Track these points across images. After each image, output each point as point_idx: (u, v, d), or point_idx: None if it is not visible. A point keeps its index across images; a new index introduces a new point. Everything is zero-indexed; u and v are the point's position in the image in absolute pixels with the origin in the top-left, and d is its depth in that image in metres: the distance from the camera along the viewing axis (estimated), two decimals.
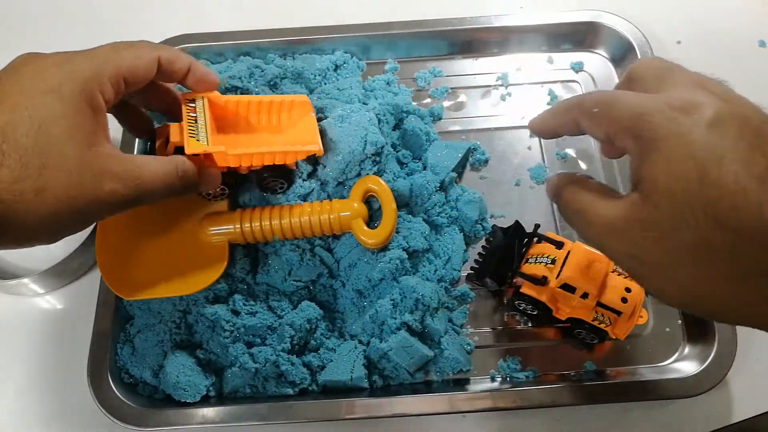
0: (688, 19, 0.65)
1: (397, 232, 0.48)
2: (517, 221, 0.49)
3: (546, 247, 0.47)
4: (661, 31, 0.63)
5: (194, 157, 0.41)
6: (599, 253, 0.44)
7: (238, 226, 0.46)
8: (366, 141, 0.48)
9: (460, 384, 0.47)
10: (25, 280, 0.50)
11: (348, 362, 0.45)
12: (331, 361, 0.46)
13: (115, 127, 0.59)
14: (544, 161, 0.56)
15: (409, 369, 0.46)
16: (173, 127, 0.43)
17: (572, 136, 0.35)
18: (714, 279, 0.28)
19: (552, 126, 0.35)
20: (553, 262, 0.45)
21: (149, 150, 0.46)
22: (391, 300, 0.46)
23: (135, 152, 0.55)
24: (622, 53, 0.60)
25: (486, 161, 0.56)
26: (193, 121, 0.42)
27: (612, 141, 0.31)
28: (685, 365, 0.46)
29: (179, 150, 0.41)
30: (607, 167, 0.56)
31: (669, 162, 0.28)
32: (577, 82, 0.60)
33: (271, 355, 0.45)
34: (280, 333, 0.46)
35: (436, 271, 0.49)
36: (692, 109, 0.28)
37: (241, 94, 0.55)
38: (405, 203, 0.51)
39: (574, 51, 0.62)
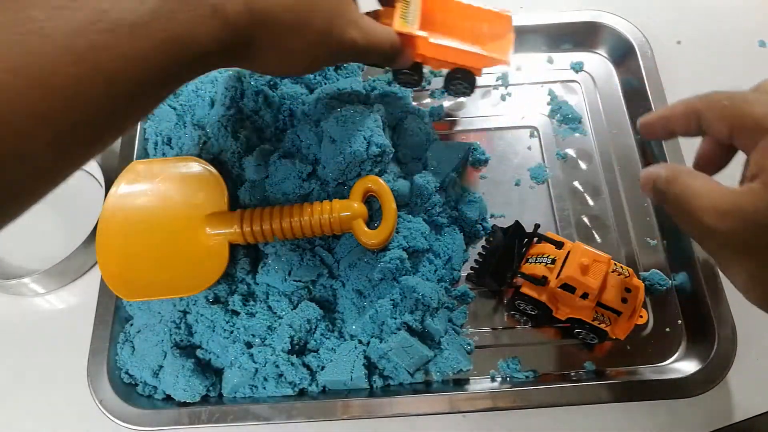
0: (688, 19, 0.65)
1: (397, 232, 0.48)
2: (516, 221, 0.49)
3: (546, 247, 0.46)
4: (661, 31, 0.63)
5: (399, 36, 0.45)
6: (599, 253, 0.44)
7: (238, 226, 0.46)
8: (369, 142, 0.48)
9: (460, 384, 0.47)
10: (26, 280, 0.50)
11: (348, 362, 0.45)
12: (331, 361, 0.46)
13: None
14: (544, 161, 0.56)
15: (409, 369, 0.46)
16: (386, 9, 0.47)
17: (686, 135, 0.35)
18: None
19: (668, 120, 0.35)
20: (553, 262, 0.45)
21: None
22: (391, 300, 0.46)
23: (135, 150, 0.55)
24: (622, 53, 0.60)
25: (486, 161, 0.56)
26: (407, 5, 0.47)
27: (732, 137, 0.31)
28: (685, 365, 0.46)
29: None
30: (608, 167, 0.56)
31: None
32: (577, 82, 0.60)
33: (271, 355, 0.45)
34: (279, 333, 0.46)
35: (436, 271, 0.49)
36: None
37: (241, 93, 0.55)
38: (405, 203, 0.51)
39: (574, 51, 0.62)
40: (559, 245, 0.46)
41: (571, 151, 0.57)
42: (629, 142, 0.57)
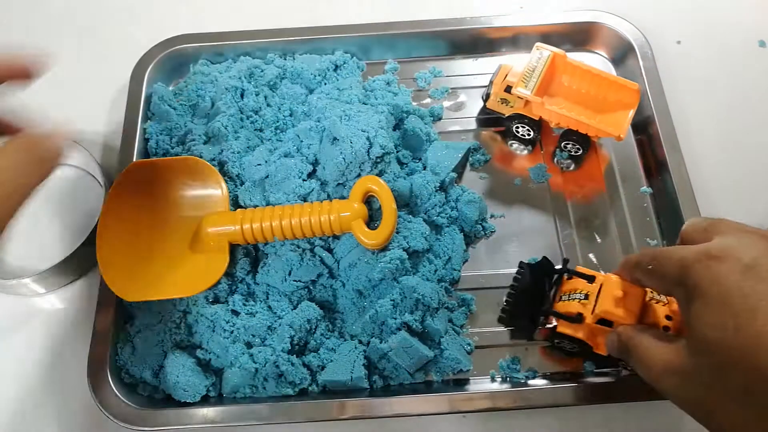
0: (688, 19, 0.65)
1: (397, 232, 0.48)
2: (545, 257, 0.48)
3: (578, 283, 0.45)
4: (661, 31, 0.63)
5: (518, 98, 0.52)
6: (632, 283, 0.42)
7: (238, 226, 0.46)
8: (372, 142, 0.48)
9: (460, 384, 0.47)
10: (25, 280, 0.50)
11: (348, 362, 0.45)
12: (331, 361, 0.46)
13: (117, 121, 0.59)
14: (543, 161, 0.56)
15: (409, 369, 0.46)
16: (516, 69, 0.53)
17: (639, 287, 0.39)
18: (762, 423, 0.28)
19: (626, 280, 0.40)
20: (587, 297, 0.43)
21: (491, 80, 0.56)
22: (391, 300, 0.46)
23: (135, 150, 0.55)
24: (622, 53, 0.60)
25: (486, 161, 0.56)
26: (532, 69, 0.52)
27: (669, 293, 0.34)
28: None
29: (509, 89, 0.53)
30: (608, 167, 0.56)
31: (707, 311, 0.29)
32: None
33: (271, 355, 0.45)
34: (279, 333, 0.46)
35: (436, 271, 0.49)
36: (729, 255, 0.30)
37: (241, 93, 0.56)
38: (405, 203, 0.51)
39: (574, 51, 0.62)
40: (591, 279, 0.44)
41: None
42: (629, 142, 0.57)
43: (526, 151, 0.57)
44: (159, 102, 0.57)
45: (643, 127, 0.57)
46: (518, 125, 0.56)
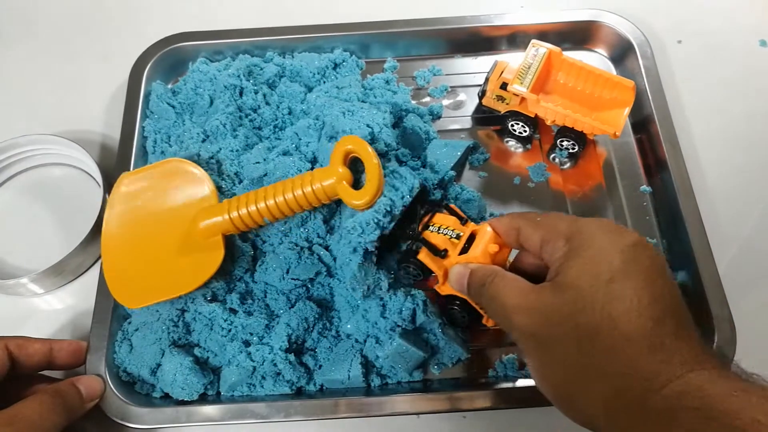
0: (688, 18, 0.65)
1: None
2: (422, 184, 0.47)
3: (449, 219, 0.44)
4: (662, 30, 0.63)
5: (514, 95, 0.53)
6: (504, 240, 0.41)
7: (227, 215, 0.45)
8: (375, 138, 0.48)
9: (459, 383, 0.47)
10: (24, 280, 0.50)
11: (345, 361, 0.45)
12: (329, 360, 0.46)
13: (115, 120, 0.59)
14: (543, 160, 0.56)
15: (407, 372, 0.46)
16: (511, 66, 0.54)
17: (511, 247, 0.41)
18: (590, 371, 0.32)
19: (504, 232, 0.40)
20: (458, 237, 0.43)
21: (486, 77, 0.56)
22: (379, 300, 0.46)
23: (134, 148, 0.55)
24: (622, 53, 0.60)
25: (485, 160, 0.56)
26: (527, 66, 0.52)
27: (541, 246, 0.37)
28: None
29: (504, 86, 0.53)
30: (607, 166, 0.56)
31: (587, 264, 0.33)
32: None
33: (269, 353, 0.45)
34: (277, 332, 0.46)
35: None
36: (620, 232, 0.35)
37: (239, 92, 0.55)
38: None
39: (574, 50, 0.62)
40: (463, 221, 0.44)
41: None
42: (629, 141, 0.57)
43: (521, 149, 0.57)
44: (157, 100, 0.57)
45: (642, 126, 0.56)
46: (514, 122, 0.56)
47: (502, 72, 0.54)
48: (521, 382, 0.46)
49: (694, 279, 0.48)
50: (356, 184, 0.45)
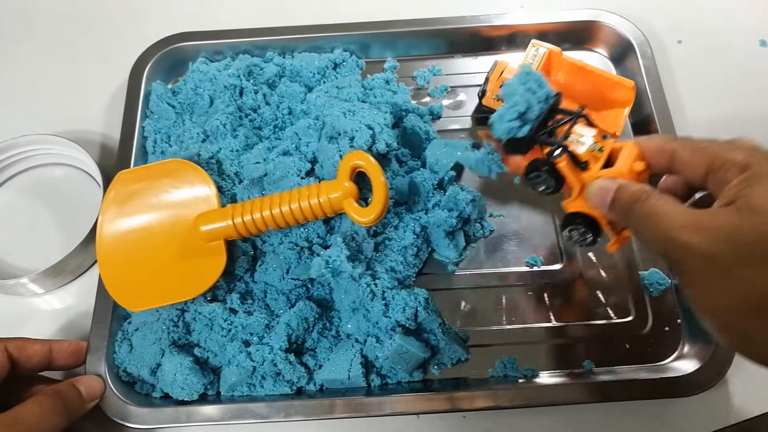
0: (688, 18, 0.65)
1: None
2: (558, 92, 0.43)
3: (591, 131, 0.41)
4: (662, 30, 0.63)
5: None
6: (652, 161, 0.38)
7: (230, 221, 0.45)
8: (376, 138, 0.48)
9: (459, 383, 0.47)
10: (24, 280, 0.50)
11: (345, 361, 0.45)
12: (329, 359, 0.46)
13: (115, 120, 0.59)
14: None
15: (407, 372, 0.46)
16: (511, 65, 0.54)
17: (655, 170, 0.37)
18: None
19: (647, 149, 0.37)
20: (601, 150, 0.40)
21: (486, 77, 0.55)
22: (382, 299, 0.46)
23: (134, 148, 0.55)
24: (621, 52, 0.60)
25: None
26: (527, 66, 0.48)
27: (707, 173, 0.33)
28: (684, 364, 0.46)
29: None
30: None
31: None
32: None
33: (269, 353, 0.45)
34: (277, 332, 0.46)
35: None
36: None
37: (239, 92, 0.55)
38: (404, 201, 0.51)
39: (574, 50, 0.62)
40: (604, 135, 0.41)
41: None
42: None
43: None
44: (157, 100, 0.57)
45: (642, 126, 0.56)
46: None
47: (503, 72, 0.54)
48: (521, 383, 0.46)
49: None
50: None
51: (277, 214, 0.45)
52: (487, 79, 0.56)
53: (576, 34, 0.61)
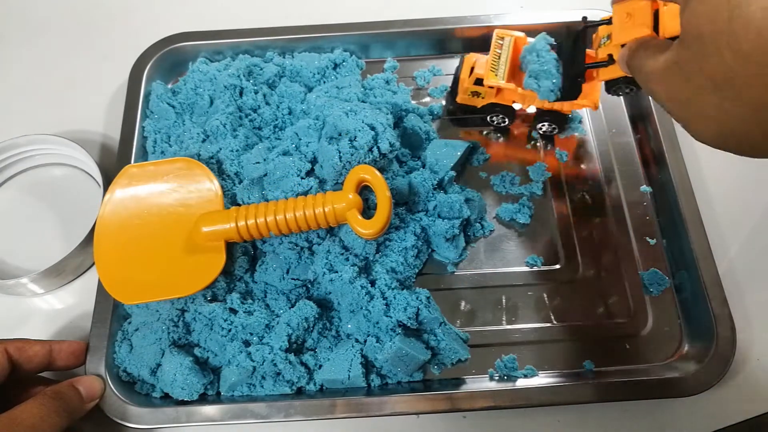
0: None
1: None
2: (567, 26, 0.50)
3: (603, 30, 0.46)
4: None
5: (489, 89, 0.53)
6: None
7: (233, 223, 0.45)
8: (378, 139, 0.48)
9: (459, 383, 0.47)
10: (24, 280, 0.50)
11: (345, 361, 0.45)
12: (329, 359, 0.46)
13: (115, 120, 0.59)
14: (543, 160, 0.56)
15: (407, 375, 0.46)
16: (480, 58, 0.54)
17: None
18: (740, 110, 0.30)
19: None
20: (609, 38, 0.44)
21: (455, 75, 0.56)
22: (383, 299, 0.46)
23: (134, 148, 0.55)
24: None
25: (485, 160, 0.56)
26: (497, 57, 0.52)
27: None
28: (684, 364, 0.46)
29: (479, 81, 0.53)
30: (607, 167, 0.56)
31: (704, 5, 0.30)
32: None
33: (269, 353, 0.45)
34: (277, 332, 0.46)
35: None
36: None
37: (239, 92, 0.55)
38: (404, 201, 0.51)
39: None
40: (609, 21, 0.45)
41: (570, 151, 0.56)
42: (629, 141, 0.57)
43: (502, 139, 0.58)
44: (157, 100, 0.57)
45: (642, 125, 0.56)
46: (492, 115, 0.56)
47: (473, 68, 0.54)
48: (521, 382, 0.46)
49: (694, 279, 0.48)
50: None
51: (281, 221, 0.45)
52: (457, 78, 0.56)
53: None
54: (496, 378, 0.47)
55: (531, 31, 0.59)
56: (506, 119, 0.56)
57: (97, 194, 0.54)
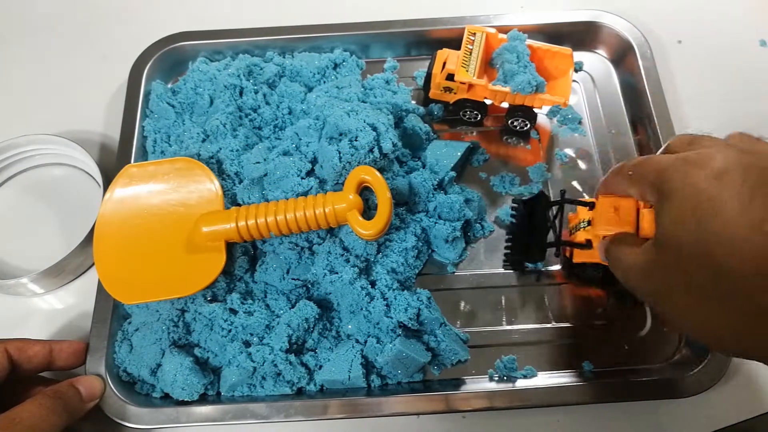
0: (688, 19, 0.65)
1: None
2: (541, 191, 0.50)
3: (581, 213, 0.47)
4: (661, 30, 0.63)
5: (461, 84, 0.53)
6: (625, 197, 0.43)
7: (233, 224, 0.45)
8: (380, 139, 0.48)
9: (459, 383, 0.47)
10: (24, 280, 0.50)
11: (345, 361, 0.45)
12: (329, 360, 0.46)
13: (115, 119, 0.59)
14: (543, 161, 0.56)
15: (407, 377, 0.46)
16: (452, 54, 0.54)
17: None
18: (716, 312, 0.31)
19: (610, 191, 0.41)
20: (590, 223, 0.45)
21: (428, 71, 0.56)
22: (384, 299, 0.46)
23: (134, 148, 0.55)
24: (621, 53, 0.60)
25: (485, 160, 0.56)
26: (468, 53, 0.52)
27: (643, 199, 0.36)
28: (683, 365, 0.46)
29: (450, 77, 0.53)
30: (607, 167, 0.56)
31: (676, 210, 0.31)
32: (577, 82, 0.60)
33: (269, 354, 0.45)
34: (277, 332, 0.46)
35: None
36: (705, 161, 0.31)
37: (239, 91, 0.55)
38: (404, 202, 0.51)
39: (574, 50, 0.61)
40: (591, 206, 0.45)
41: (570, 152, 0.56)
42: (628, 142, 0.57)
43: (476, 132, 0.58)
44: (157, 100, 0.57)
45: (642, 126, 0.56)
46: (465, 110, 0.56)
47: (445, 61, 0.54)
48: (521, 383, 0.46)
49: None
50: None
51: (281, 221, 0.45)
52: (429, 73, 0.56)
53: (575, 35, 0.61)
54: (496, 378, 0.47)
55: (531, 31, 0.60)
56: (479, 115, 0.57)
57: (97, 194, 0.54)
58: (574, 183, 0.55)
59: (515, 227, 0.51)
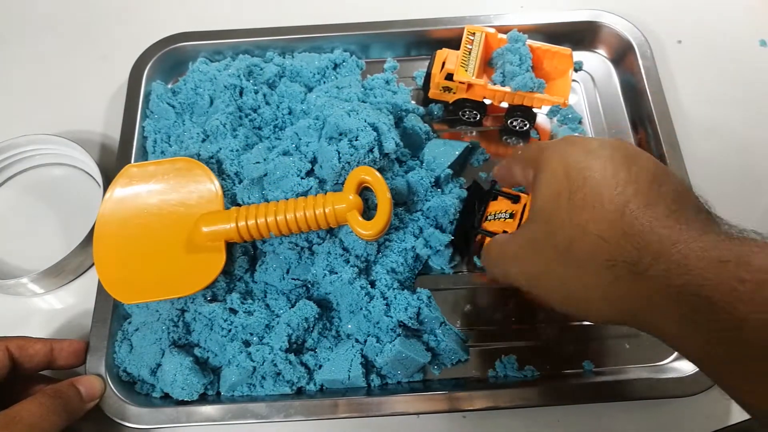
0: (688, 19, 0.65)
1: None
2: (474, 180, 0.50)
3: (503, 203, 0.46)
4: (661, 30, 0.63)
5: (460, 84, 0.53)
6: (509, 184, 0.45)
7: (233, 224, 0.45)
8: (382, 139, 0.48)
9: (459, 383, 0.47)
10: (24, 280, 0.50)
11: (345, 361, 0.45)
12: (329, 360, 0.46)
13: (115, 120, 0.59)
14: None
15: (406, 377, 0.46)
16: (451, 54, 0.54)
17: (514, 185, 0.43)
18: (581, 277, 0.32)
19: (502, 176, 0.43)
20: (512, 216, 0.45)
21: (428, 71, 0.56)
22: (384, 299, 0.46)
23: (134, 148, 0.55)
24: (621, 53, 0.60)
25: (485, 160, 0.56)
26: (468, 53, 0.52)
27: (525, 179, 0.38)
28: (683, 364, 0.46)
29: (450, 76, 0.53)
30: None
31: (549, 182, 0.34)
32: (577, 82, 0.60)
33: (269, 353, 0.45)
34: (277, 332, 0.46)
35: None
36: (582, 142, 0.35)
37: (239, 92, 0.55)
38: (403, 201, 0.51)
39: (574, 50, 0.61)
40: (515, 199, 0.45)
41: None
42: (628, 143, 0.57)
43: (475, 132, 0.58)
44: (157, 100, 0.57)
45: (642, 126, 0.56)
46: (464, 110, 0.56)
47: (445, 61, 0.55)
48: (521, 383, 0.46)
49: None
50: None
51: (281, 221, 0.45)
52: (428, 74, 0.56)
53: (575, 35, 0.61)
54: (497, 378, 0.47)
55: (531, 31, 0.60)
56: (478, 114, 0.57)
57: (97, 194, 0.54)
58: None
59: (459, 216, 0.51)
